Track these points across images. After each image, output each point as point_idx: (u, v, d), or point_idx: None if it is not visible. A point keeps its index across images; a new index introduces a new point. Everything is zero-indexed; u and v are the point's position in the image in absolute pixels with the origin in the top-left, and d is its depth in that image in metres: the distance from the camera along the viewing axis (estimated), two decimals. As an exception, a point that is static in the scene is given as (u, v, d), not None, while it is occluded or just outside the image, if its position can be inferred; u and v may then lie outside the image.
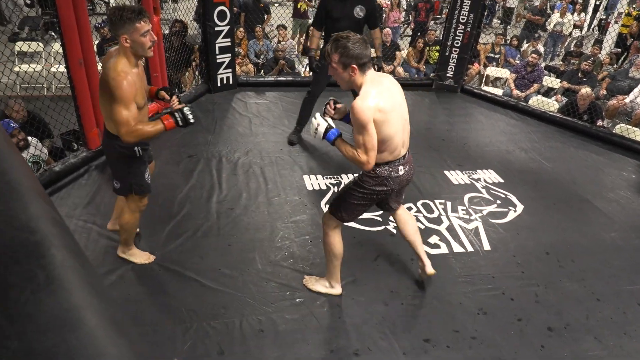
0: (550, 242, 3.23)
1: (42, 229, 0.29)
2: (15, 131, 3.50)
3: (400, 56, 7.25)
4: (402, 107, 2.21)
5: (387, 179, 2.25)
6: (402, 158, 2.26)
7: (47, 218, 0.32)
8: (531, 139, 4.90)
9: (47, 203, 0.36)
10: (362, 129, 2.05)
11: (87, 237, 2.92)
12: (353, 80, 2.10)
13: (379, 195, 2.31)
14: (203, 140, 4.25)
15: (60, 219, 0.35)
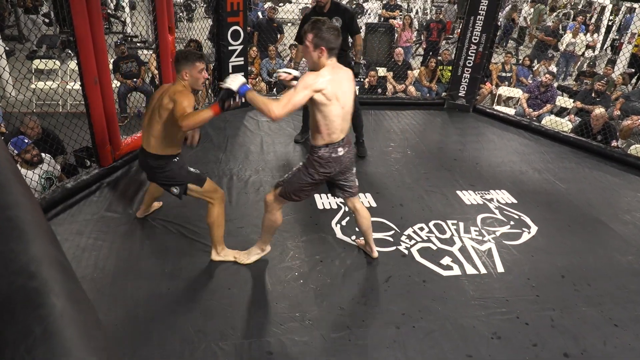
0: (565, 265, 3.16)
1: (43, 273, 0.28)
2: (29, 147, 3.54)
3: (412, 75, 7.27)
4: (346, 98, 2.45)
5: (329, 160, 2.51)
6: (340, 141, 2.51)
7: (49, 259, 0.30)
8: (544, 159, 4.84)
9: (50, 240, 0.34)
10: (298, 88, 2.29)
11: (97, 255, 2.91)
12: (319, 61, 2.36)
13: (322, 176, 2.57)
14: (214, 157, 4.26)
15: (62, 258, 0.34)
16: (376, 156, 4.60)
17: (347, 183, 2.74)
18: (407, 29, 8.70)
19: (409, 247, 3.22)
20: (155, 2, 3.91)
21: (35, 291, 0.26)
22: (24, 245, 0.29)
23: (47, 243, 0.32)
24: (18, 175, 0.41)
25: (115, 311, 2.50)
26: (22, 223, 0.32)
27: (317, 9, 4.21)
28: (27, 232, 0.31)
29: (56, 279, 0.28)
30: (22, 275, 0.26)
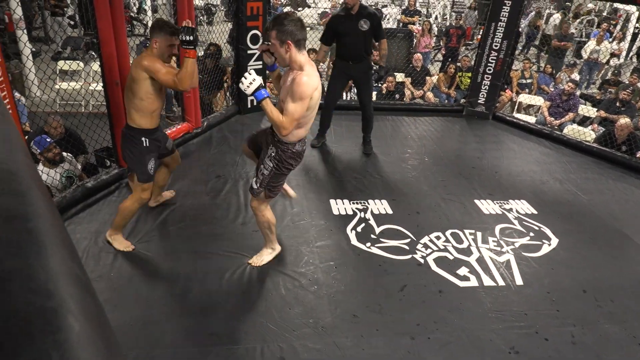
0: (587, 280, 3.08)
1: (61, 291, 0.27)
2: (51, 146, 3.60)
3: (431, 81, 7.22)
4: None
5: (301, 153, 2.56)
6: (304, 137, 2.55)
7: (67, 275, 0.29)
8: (566, 169, 4.74)
9: (69, 253, 0.33)
10: (299, 100, 2.27)
11: (115, 254, 2.94)
12: (291, 57, 2.29)
13: (292, 169, 2.62)
14: (231, 160, 4.28)
15: (80, 272, 0.33)
16: (393, 162, 4.56)
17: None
18: (426, 35, 8.65)
19: (425, 256, 3.18)
20: (176, 6, 3.95)
21: (53, 312, 0.25)
22: (42, 261, 0.28)
23: (66, 257, 0.31)
24: (39, 183, 0.41)
25: (131, 311, 2.52)
26: (41, 236, 0.31)
27: (344, 10, 4.25)
28: (47, 246, 0.30)
29: (74, 297, 0.27)
30: (40, 295, 0.25)
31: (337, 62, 4.46)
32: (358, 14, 4.19)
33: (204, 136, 4.73)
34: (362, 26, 4.19)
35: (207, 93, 5.33)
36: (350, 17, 4.20)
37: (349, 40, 4.25)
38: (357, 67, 4.37)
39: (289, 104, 2.30)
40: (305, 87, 2.26)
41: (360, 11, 4.21)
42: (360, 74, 4.42)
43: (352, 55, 4.32)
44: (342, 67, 4.41)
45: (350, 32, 4.22)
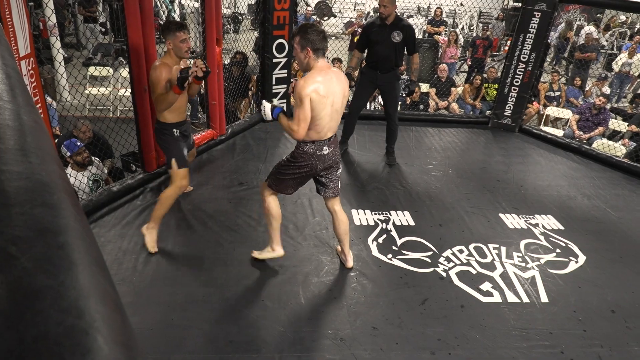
0: (616, 300, 2.98)
1: (91, 309, 0.26)
2: (80, 149, 3.69)
3: (456, 92, 7.15)
4: (336, 98, 2.51)
5: (313, 156, 2.60)
6: (327, 140, 2.60)
7: (97, 292, 0.29)
8: (595, 184, 4.61)
9: (99, 268, 0.33)
10: (299, 102, 2.42)
11: (137, 259, 2.98)
12: (307, 62, 2.47)
13: (305, 170, 2.66)
14: (254, 168, 4.31)
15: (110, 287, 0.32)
16: (416, 174, 4.52)
17: (329, 182, 2.78)
18: (452, 45, 8.59)
19: (447, 270, 3.12)
20: (205, 15, 4.01)
21: (84, 332, 0.24)
22: (73, 278, 0.28)
23: (97, 272, 0.31)
24: (71, 194, 0.41)
25: (152, 315, 2.54)
26: (72, 251, 0.31)
27: (379, 20, 4.26)
28: (77, 262, 0.30)
29: (104, 316, 0.27)
30: (71, 314, 0.25)
31: (365, 70, 4.46)
32: (392, 25, 4.19)
33: (228, 143, 4.78)
34: (395, 37, 4.19)
35: (232, 100, 5.39)
36: (385, 27, 4.21)
37: (380, 50, 4.26)
38: (385, 77, 4.36)
39: (294, 109, 2.50)
40: (299, 88, 2.42)
41: (395, 22, 4.21)
42: (388, 84, 4.41)
43: (381, 65, 4.32)
44: (370, 76, 4.41)
45: (382, 41, 4.22)
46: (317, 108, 2.45)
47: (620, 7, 5.75)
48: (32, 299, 0.25)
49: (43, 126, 0.58)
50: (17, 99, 0.56)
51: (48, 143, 0.51)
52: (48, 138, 0.55)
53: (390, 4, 4.14)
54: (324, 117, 2.50)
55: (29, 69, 2.73)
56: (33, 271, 0.27)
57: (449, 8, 12.33)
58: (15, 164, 0.38)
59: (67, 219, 0.34)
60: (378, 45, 4.25)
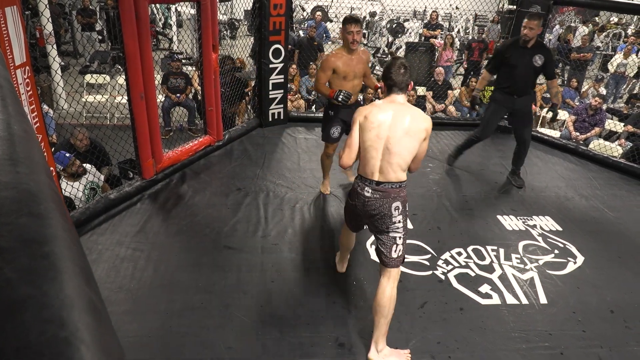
0: (615, 300, 2.98)
1: (74, 320, 0.26)
2: (71, 161, 3.68)
3: (452, 95, 7.17)
4: (389, 134, 2.23)
5: (355, 192, 2.35)
6: (373, 182, 2.28)
7: (82, 302, 0.29)
8: (592, 185, 4.62)
9: (85, 279, 0.33)
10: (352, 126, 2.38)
11: (135, 266, 2.97)
12: (383, 94, 2.46)
13: (350, 206, 2.43)
14: (252, 173, 4.31)
15: (96, 297, 0.32)
16: (414, 177, 4.51)
17: (379, 243, 2.35)
18: (448, 49, 8.61)
19: (445, 272, 3.12)
20: (201, 21, 4.03)
21: (66, 342, 0.24)
22: (57, 288, 0.28)
23: (82, 282, 0.31)
24: (59, 204, 0.41)
25: (150, 323, 2.53)
26: (57, 260, 0.31)
27: (519, 42, 4.04)
28: (62, 272, 0.29)
29: (88, 326, 0.27)
30: (53, 324, 0.25)
31: (498, 96, 4.21)
32: (534, 48, 3.99)
33: (225, 149, 4.78)
34: (537, 62, 4.00)
35: (229, 106, 5.40)
36: (525, 49, 4.00)
37: (520, 73, 4.04)
38: (521, 101, 4.15)
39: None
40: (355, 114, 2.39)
41: (537, 45, 4.02)
42: (523, 107, 4.20)
43: (519, 89, 4.09)
44: (504, 101, 4.17)
45: (523, 65, 4.01)
46: (362, 135, 2.29)
47: (613, 8, 5.78)
48: (14, 309, 0.25)
49: (33, 135, 0.58)
50: (7, 109, 0.56)
51: (38, 152, 0.51)
52: (38, 147, 0.55)
53: (536, 26, 3.91)
54: (370, 149, 2.26)
55: (25, 77, 2.73)
56: (16, 282, 0.27)
57: (445, 11, 12.37)
58: (3, 174, 0.38)
59: (54, 229, 0.34)
60: (517, 69, 4.02)
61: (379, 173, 2.26)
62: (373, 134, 2.25)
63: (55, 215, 0.36)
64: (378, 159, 2.25)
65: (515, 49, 4.03)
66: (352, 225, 2.60)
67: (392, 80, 2.28)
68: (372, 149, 2.25)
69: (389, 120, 2.23)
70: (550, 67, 4.08)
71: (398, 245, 2.31)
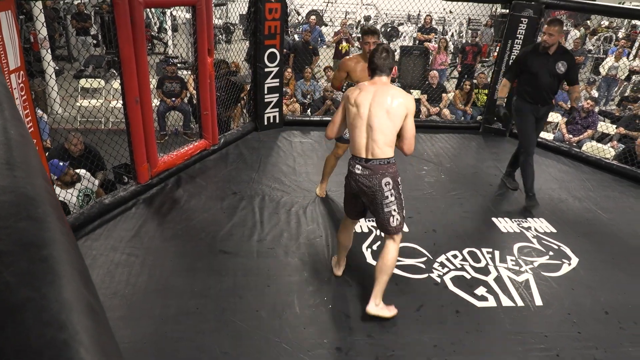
0: (609, 301, 2.99)
1: (73, 322, 0.27)
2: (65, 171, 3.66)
3: (447, 98, 7.20)
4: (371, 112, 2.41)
5: (349, 171, 2.55)
6: (362, 159, 2.46)
7: (80, 305, 0.29)
8: (586, 187, 4.65)
9: (84, 282, 0.33)
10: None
11: (130, 271, 2.95)
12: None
13: (347, 186, 2.62)
14: (247, 177, 4.30)
15: (95, 301, 0.33)
16: (409, 180, 4.53)
17: (376, 214, 2.57)
18: (442, 52, 8.66)
19: (441, 275, 3.13)
20: (196, 26, 4.03)
21: (65, 345, 0.25)
22: (56, 291, 0.28)
23: (81, 285, 0.31)
24: (57, 207, 0.41)
25: (144, 328, 2.52)
26: (56, 264, 0.31)
27: (538, 48, 3.89)
28: (61, 275, 0.30)
29: (87, 329, 0.27)
30: (52, 327, 0.25)
31: (520, 104, 4.04)
32: (556, 54, 3.83)
33: (221, 153, 4.78)
34: (560, 68, 3.82)
35: (224, 110, 5.40)
36: (547, 56, 3.83)
37: (543, 82, 3.88)
38: (544, 110, 4.03)
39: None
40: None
41: (559, 51, 3.85)
42: (544, 115, 4.10)
43: (543, 97, 3.95)
44: (530, 110, 4.01)
45: (545, 72, 3.84)
46: (348, 115, 2.50)
47: (603, 12, 5.84)
48: (14, 312, 0.25)
49: (30, 140, 0.58)
50: (3, 113, 0.56)
51: (35, 157, 0.51)
52: (35, 152, 0.55)
53: (557, 32, 3.74)
54: (355, 129, 2.46)
55: (19, 82, 2.72)
56: (15, 285, 0.27)
57: (439, 15, 12.44)
58: (1, 178, 0.39)
59: (52, 232, 0.34)
60: (540, 77, 3.86)
61: (365, 150, 2.45)
62: (356, 113, 2.45)
63: (53, 218, 0.37)
64: (363, 137, 2.44)
65: (536, 56, 3.86)
66: (352, 211, 2.75)
67: (375, 63, 2.45)
68: (357, 128, 2.45)
69: (369, 99, 2.42)
70: (573, 73, 3.90)
71: (394, 216, 2.53)
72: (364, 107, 2.41)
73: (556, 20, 3.86)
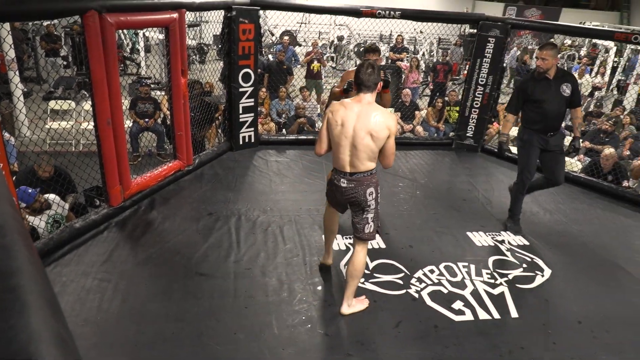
0: (581, 311, 3.06)
1: (42, 353, 0.26)
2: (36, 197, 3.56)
3: (420, 116, 7.34)
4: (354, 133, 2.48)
5: (332, 183, 2.68)
6: (346, 173, 2.59)
7: (49, 334, 0.28)
8: (555, 200, 4.78)
9: (52, 311, 0.33)
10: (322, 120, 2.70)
11: (102, 297, 2.87)
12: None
13: (330, 193, 2.78)
14: (223, 198, 4.27)
15: (64, 330, 0.32)
16: (385, 196, 4.56)
17: (355, 220, 2.73)
18: (414, 71, 8.86)
19: (419, 290, 3.14)
20: (169, 47, 4.02)
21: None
22: (24, 321, 0.28)
23: (49, 315, 0.30)
24: (24, 235, 0.41)
25: (118, 356, 2.44)
26: (24, 293, 0.30)
27: (536, 75, 3.68)
28: (29, 305, 0.29)
29: (56, 359, 0.26)
30: (21, 358, 0.24)
31: (526, 136, 3.78)
32: (557, 78, 3.64)
33: (196, 173, 4.73)
34: (565, 91, 3.62)
35: (199, 130, 5.37)
36: (548, 81, 3.63)
37: (550, 108, 3.64)
38: (554, 140, 3.76)
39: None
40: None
41: (560, 74, 3.67)
42: (556, 146, 3.77)
43: (552, 125, 3.69)
44: (538, 142, 3.75)
45: (551, 98, 3.62)
46: (330, 129, 2.57)
47: (566, 31, 6.10)
48: (-21, 344, 0.25)
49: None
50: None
51: (2, 184, 0.50)
52: (2, 179, 0.54)
53: (550, 56, 3.56)
54: (338, 145, 2.55)
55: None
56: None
57: (410, 35, 12.76)
58: (-35, 206, 0.38)
59: (20, 261, 0.33)
60: (546, 104, 3.63)
61: (349, 166, 2.56)
62: (339, 132, 2.51)
63: (20, 246, 0.36)
64: (347, 154, 2.53)
65: (537, 82, 3.67)
66: (336, 208, 2.91)
67: (360, 79, 2.51)
68: (340, 146, 2.53)
69: (353, 119, 2.48)
70: (576, 94, 3.71)
71: (370, 224, 2.69)
72: (348, 127, 2.49)
73: (548, 44, 3.71)
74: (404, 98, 7.31)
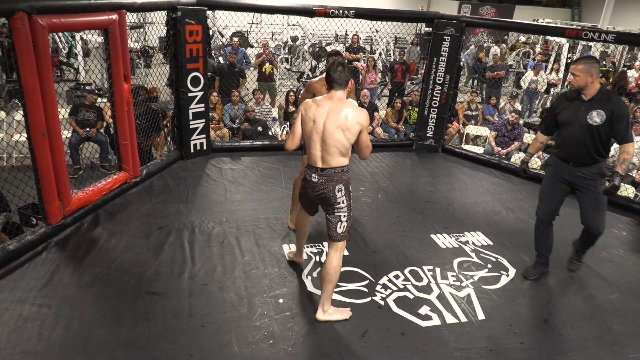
0: (547, 309, 3.06)
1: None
2: None
3: (379, 117, 7.29)
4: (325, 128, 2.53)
5: (305, 179, 2.72)
6: (317, 169, 2.62)
7: None
8: (517, 197, 4.80)
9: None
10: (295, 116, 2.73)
11: (42, 324, 2.60)
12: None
13: (303, 190, 2.78)
14: (174, 210, 4.02)
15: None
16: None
17: (328, 221, 2.71)
18: (371, 71, 8.82)
19: (384, 297, 3.04)
20: (109, 50, 3.76)
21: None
22: None
23: None
24: None
25: (57, 393, 2.19)
26: None
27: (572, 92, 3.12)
28: None
29: None
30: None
31: (552, 162, 3.31)
32: (592, 101, 3.01)
33: (144, 185, 4.45)
34: (594, 119, 2.98)
35: (145, 139, 5.08)
36: (579, 102, 3.06)
37: (571, 134, 3.08)
38: (579, 172, 3.13)
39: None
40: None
41: (597, 97, 3.00)
42: (583, 180, 3.13)
43: (572, 154, 3.13)
44: (559, 170, 3.22)
45: (574, 123, 3.06)
46: (303, 126, 2.62)
47: (519, 29, 6.19)
48: None
49: None
50: None
51: None
52: None
53: (582, 72, 2.96)
54: (309, 140, 2.59)
55: None
56: None
57: (366, 35, 12.77)
58: None
59: None
60: (568, 128, 3.10)
61: (321, 161, 2.60)
62: (311, 129, 2.57)
63: None
64: (318, 149, 2.57)
65: (569, 101, 3.11)
66: (307, 209, 2.91)
67: (331, 77, 2.55)
68: (312, 141, 2.58)
69: (324, 116, 2.54)
70: (619, 127, 2.98)
71: (342, 222, 2.68)
72: (319, 123, 2.54)
73: (583, 58, 3.11)
74: (362, 99, 7.24)
